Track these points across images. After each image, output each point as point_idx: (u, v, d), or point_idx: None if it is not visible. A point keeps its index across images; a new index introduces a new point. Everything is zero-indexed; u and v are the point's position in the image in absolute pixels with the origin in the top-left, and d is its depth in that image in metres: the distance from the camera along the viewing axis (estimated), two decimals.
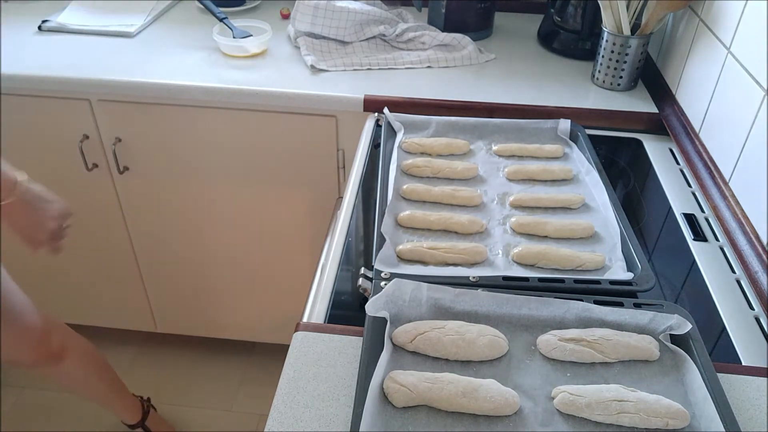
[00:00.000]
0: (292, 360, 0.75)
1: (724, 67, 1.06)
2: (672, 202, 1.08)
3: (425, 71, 1.45)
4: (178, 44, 1.52)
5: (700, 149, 1.12)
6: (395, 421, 0.66)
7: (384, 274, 0.81)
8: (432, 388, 0.67)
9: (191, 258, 1.67)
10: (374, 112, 1.30)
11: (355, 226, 1.01)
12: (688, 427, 0.66)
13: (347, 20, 1.48)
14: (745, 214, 0.94)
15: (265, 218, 1.57)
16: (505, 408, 0.67)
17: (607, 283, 0.82)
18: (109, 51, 1.48)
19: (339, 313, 0.84)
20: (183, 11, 1.71)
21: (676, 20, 1.32)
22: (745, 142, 0.96)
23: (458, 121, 1.16)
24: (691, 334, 0.73)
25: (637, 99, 1.35)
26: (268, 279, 1.69)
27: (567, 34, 1.51)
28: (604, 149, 1.23)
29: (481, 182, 1.04)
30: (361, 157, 1.17)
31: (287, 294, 1.69)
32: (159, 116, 1.41)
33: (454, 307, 0.77)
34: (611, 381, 0.71)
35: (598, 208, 0.98)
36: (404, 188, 1.00)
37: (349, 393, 0.70)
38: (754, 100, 0.95)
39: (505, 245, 0.91)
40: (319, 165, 1.45)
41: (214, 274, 1.69)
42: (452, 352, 0.72)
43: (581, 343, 0.73)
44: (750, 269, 0.89)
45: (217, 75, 1.39)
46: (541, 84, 1.39)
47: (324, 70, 1.41)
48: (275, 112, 1.37)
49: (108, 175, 1.53)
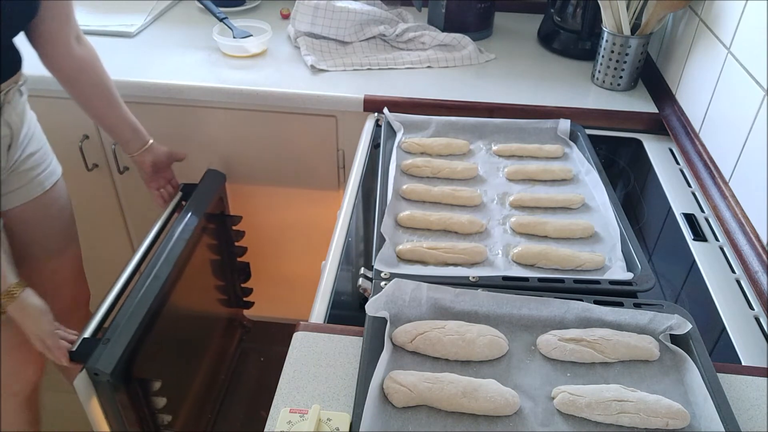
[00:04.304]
0: (292, 360, 0.75)
1: (724, 67, 1.06)
2: (672, 202, 1.08)
3: (425, 71, 1.45)
4: (178, 44, 1.52)
5: (700, 149, 1.12)
6: (395, 421, 0.66)
7: (384, 274, 0.81)
8: (432, 388, 0.67)
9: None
10: (374, 112, 1.30)
11: (355, 226, 1.01)
12: (688, 427, 0.66)
13: (347, 20, 1.48)
14: (745, 214, 0.94)
15: (264, 218, 1.57)
16: (505, 408, 0.67)
17: (607, 283, 0.82)
18: (109, 51, 1.48)
19: (339, 313, 0.84)
20: (183, 11, 1.71)
21: (676, 20, 1.32)
22: (745, 142, 0.96)
23: (458, 121, 1.16)
24: (691, 334, 0.74)
25: (637, 99, 1.35)
26: (267, 278, 1.69)
27: (567, 34, 1.51)
28: (604, 149, 1.23)
29: (481, 182, 1.04)
30: (361, 157, 1.17)
31: (287, 294, 1.69)
32: (159, 116, 1.41)
33: (454, 307, 0.77)
34: (611, 381, 0.71)
35: (598, 208, 0.98)
36: (404, 188, 1.00)
37: (349, 393, 0.70)
38: (754, 100, 0.95)
39: (504, 245, 0.91)
40: (319, 165, 1.45)
41: None
42: (452, 352, 0.72)
43: (581, 343, 0.73)
44: (750, 269, 0.89)
45: (217, 75, 1.39)
46: (541, 84, 1.39)
47: (324, 70, 1.41)
48: (275, 112, 1.37)
49: (108, 175, 1.53)
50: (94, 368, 0.98)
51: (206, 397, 1.52)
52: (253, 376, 1.70)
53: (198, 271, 1.39)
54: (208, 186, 1.39)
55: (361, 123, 1.28)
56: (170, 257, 1.18)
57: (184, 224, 1.26)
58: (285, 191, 1.51)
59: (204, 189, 1.38)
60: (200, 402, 1.46)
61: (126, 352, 1.01)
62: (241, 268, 1.60)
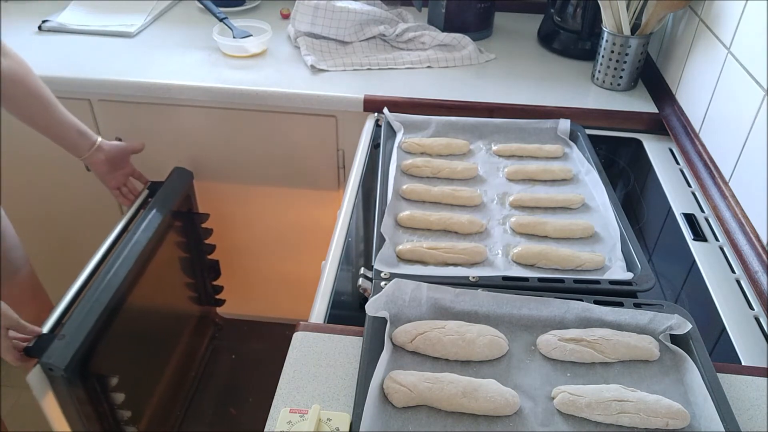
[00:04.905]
0: (292, 360, 0.75)
1: (724, 67, 1.06)
2: (672, 202, 1.08)
3: (425, 71, 1.45)
4: (178, 44, 1.52)
5: (700, 149, 1.12)
6: (395, 421, 0.66)
7: (384, 274, 0.81)
8: (432, 388, 0.67)
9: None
10: (374, 112, 1.30)
11: (355, 226, 1.01)
12: (688, 427, 0.66)
13: (347, 20, 1.48)
14: (745, 214, 0.94)
15: (264, 218, 1.57)
16: (505, 408, 0.67)
17: (607, 283, 0.82)
18: (109, 51, 1.48)
19: (339, 313, 0.84)
20: (183, 11, 1.71)
21: (676, 20, 1.32)
22: (745, 142, 0.96)
23: (458, 121, 1.16)
24: (691, 334, 0.74)
25: (637, 99, 1.35)
26: (267, 278, 1.69)
27: (567, 34, 1.51)
28: (604, 149, 1.23)
29: (480, 182, 1.04)
30: (361, 157, 1.17)
31: (287, 293, 1.69)
32: (159, 116, 1.41)
33: (454, 307, 0.77)
34: (611, 381, 0.71)
35: (597, 208, 0.98)
36: (404, 188, 1.00)
37: (349, 393, 0.70)
38: (754, 100, 0.95)
39: (504, 245, 0.91)
40: (319, 165, 1.45)
41: None
42: (452, 352, 0.72)
43: (581, 343, 0.73)
44: (750, 269, 0.89)
45: (217, 75, 1.39)
46: (541, 84, 1.39)
47: (324, 70, 1.41)
48: (275, 112, 1.37)
49: None
50: (48, 364, 0.99)
51: (175, 394, 1.52)
52: (224, 373, 1.69)
53: (164, 268, 1.39)
54: (175, 184, 1.40)
55: (361, 123, 1.28)
56: (131, 254, 1.19)
57: (148, 221, 1.26)
58: (285, 191, 1.51)
59: (170, 187, 1.38)
60: (168, 398, 1.47)
61: (82, 348, 1.02)
62: (210, 265, 1.61)
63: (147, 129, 1.44)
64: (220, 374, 1.69)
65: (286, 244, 1.62)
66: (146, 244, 1.22)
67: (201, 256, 1.56)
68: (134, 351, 1.29)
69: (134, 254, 1.19)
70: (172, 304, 1.51)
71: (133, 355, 1.29)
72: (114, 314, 1.12)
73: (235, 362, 1.73)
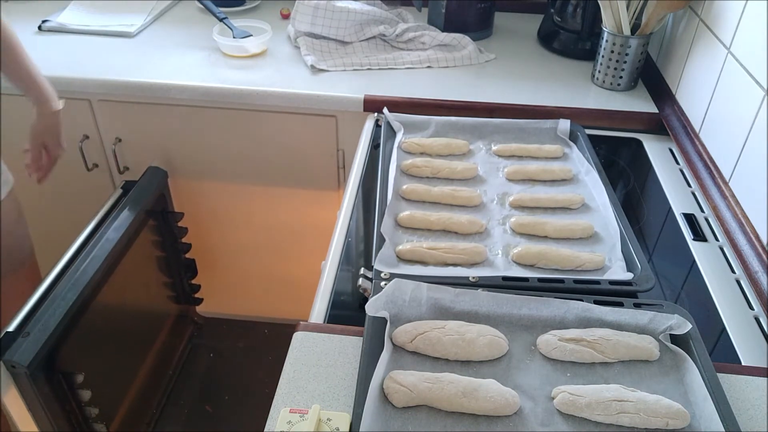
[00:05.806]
0: (292, 360, 0.75)
1: (724, 67, 1.06)
2: (672, 202, 1.08)
3: (425, 71, 1.45)
4: (178, 44, 1.52)
5: (700, 149, 1.12)
6: (395, 421, 0.66)
7: (384, 274, 0.81)
8: (432, 388, 0.67)
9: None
10: (374, 112, 1.30)
11: (355, 226, 1.01)
12: (688, 427, 0.66)
13: (347, 20, 1.48)
14: (745, 214, 0.94)
15: (264, 218, 1.57)
16: (505, 408, 0.67)
17: (607, 283, 0.82)
18: (109, 51, 1.48)
19: (339, 313, 0.84)
20: (183, 11, 1.71)
21: (676, 20, 1.32)
22: (745, 142, 0.96)
23: (458, 121, 1.16)
24: (691, 334, 0.74)
25: (637, 99, 1.35)
26: (267, 278, 1.69)
27: (567, 34, 1.51)
28: (604, 149, 1.23)
29: (480, 182, 1.04)
30: (361, 157, 1.17)
31: (286, 293, 1.69)
32: (159, 116, 1.41)
33: (454, 307, 0.77)
34: (611, 381, 0.71)
35: (597, 208, 0.98)
36: (404, 188, 1.00)
37: (349, 393, 0.70)
38: (754, 100, 0.95)
39: (504, 245, 0.91)
40: (319, 165, 1.45)
41: (214, 272, 1.69)
42: (452, 352, 0.72)
43: (581, 343, 0.73)
44: (750, 269, 0.89)
45: (217, 75, 1.39)
46: (541, 84, 1.39)
47: (324, 70, 1.41)
48: (275, 112, 1.37)
49: (108, 175, 1.53)
50: (11, 361, 1.00)
51: (151, 392, 1.52)
52: (202, 371, 1.70)
53: (138, 266, 1.40)
54: (148, 183, 1.40)
55: (361, 123, 1.28)
56: (101, 252, 1.19)
57: (119, 220, 1.27)
58: (285, 191, 1.51)
59: (144, 186, 1.39)
60: (143, 396, 1.47)
61: (47, 346, 1.02)
62: (186, 264, 1.61)
63: (146, 129, 1.44)
64: (198, 373, 1.69)
65: (286, 244, 1.62)
66: (117, 242, 1.23)
67: (177, 256, 1.57)
68: (104, 348, 1.29)
69: (104, 252, 1.20)
70: (147, 302, 1.51)
71: (103, 353, 1.29)
72: (81, 312, 1.13)
73: (213, 360, 1.73)
